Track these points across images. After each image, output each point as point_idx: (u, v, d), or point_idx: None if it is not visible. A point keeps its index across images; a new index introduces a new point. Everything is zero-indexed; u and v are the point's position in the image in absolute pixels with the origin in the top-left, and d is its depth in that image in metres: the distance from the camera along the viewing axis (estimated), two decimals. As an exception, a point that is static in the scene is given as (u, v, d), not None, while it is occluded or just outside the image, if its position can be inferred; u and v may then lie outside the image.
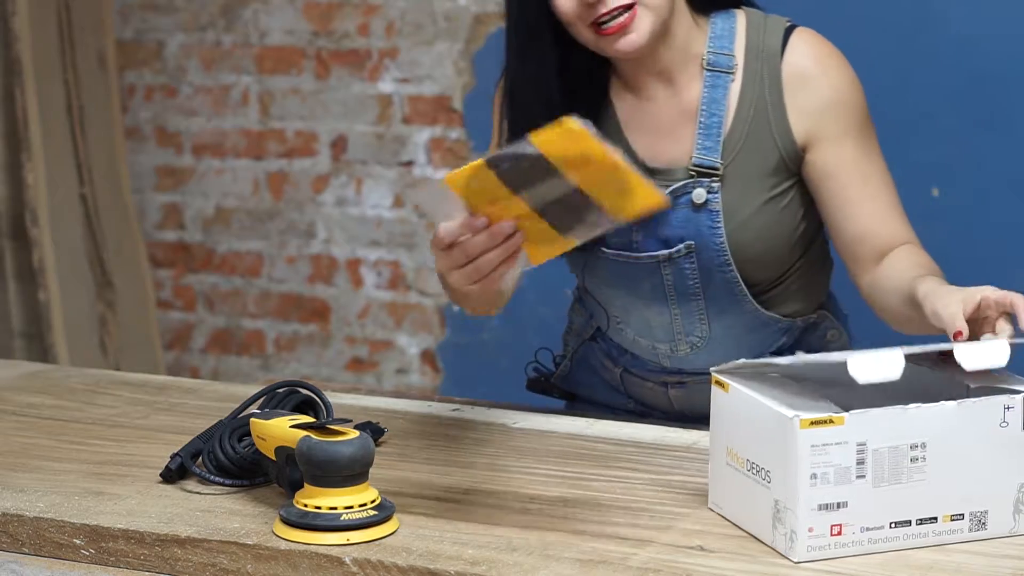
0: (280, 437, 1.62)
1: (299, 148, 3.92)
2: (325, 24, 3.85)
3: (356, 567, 1.50)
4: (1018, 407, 1.52)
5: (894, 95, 3.12)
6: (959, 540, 1.52)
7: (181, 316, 4.16)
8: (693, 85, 1.96)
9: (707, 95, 1.95)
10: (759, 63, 1.95)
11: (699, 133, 1.95)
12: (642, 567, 1.47)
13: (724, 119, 1.95)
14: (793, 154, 1.96)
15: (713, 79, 1.95)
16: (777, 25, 1.98)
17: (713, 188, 1.94)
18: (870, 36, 3.13)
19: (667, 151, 1.98)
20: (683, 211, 1.95)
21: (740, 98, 1.95)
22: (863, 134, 1.97)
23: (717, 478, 1.62)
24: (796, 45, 1.96)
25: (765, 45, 1.96)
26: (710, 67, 1.95)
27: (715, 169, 1.94)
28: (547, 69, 1.90)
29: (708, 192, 1.94)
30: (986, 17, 3.03)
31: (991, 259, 3.07)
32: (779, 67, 1.95)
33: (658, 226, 1.97)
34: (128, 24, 4.09)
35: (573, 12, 1.85)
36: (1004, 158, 3.05)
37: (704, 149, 1.94)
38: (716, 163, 1.94)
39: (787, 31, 1.97)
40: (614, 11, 1.84)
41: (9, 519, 1.63)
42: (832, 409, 1.48)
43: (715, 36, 1.96)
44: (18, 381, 2.22)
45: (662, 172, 1.96)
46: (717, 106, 1.94)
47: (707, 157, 1.94)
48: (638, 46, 1.87)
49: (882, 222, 1.96)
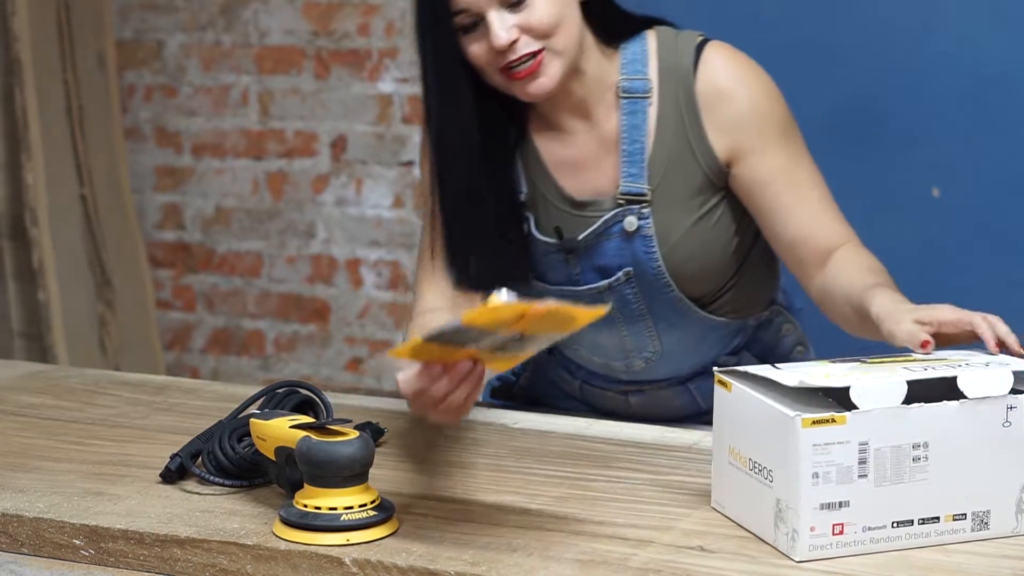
0: (280, 437, 1.62)
1: (299, 148, 3.92)
2: (325, 24, 3.85)
3: (356, 567, 1.50)
4: (1021, 407, 1.51)
5: (895, 96, 3.12)
6: (961, 540, 1.51)
7: (181, 316, 4.16)
8: (611, 115, 1.96)
9: (626, 122, 1.95)
10: (674, 83, 1.94)
11: (623, 161, 1.95)
12: (642, 567, 1.46)
13: (646, 144, 1.94)
14: (717, 170, 1.95)
15: (631, 106, 1.95)
16: (689, 42, 1.96)
17: (644, 214, 1.95)
18: (871, 37, 3.13)
19: (593, 183, 1.98)
20: (616, 240, 1.96)
21: (659, 121, 1.94)
22: (786, 141, 1.96)
23: (719, 477, 1.61)
24: (708, 61, 1.95)
25: (678, 65, 1.95)
26: (625, 94, 1.95)
27: (643, 195, 1.95)
28: (466, 113, 1.91)
29: (639, 219, 1.94)
30: (987, 18, 3.03)
31: (991, 259, 3.07)
32: (693, 86, 1.94)
33: (595, 257, 1.98)
34: (128, 24, 4.09)
35: (484, 58, 1.87)
36: (1004, 158, 3.05)
37: (630, 176, 1.95)
38: (643, 189, 1.95)
39: (699, 47, 1.96)
40: (523, 57, 1.86)
41: (8, 519, 1.63)
42: (834, 408, 1.47)
43: (627, 62, 1.95)
44: (18, 381, 2.22)
45: (590, 204, 1.97)
46: (638, 132, 1.94)
47: (634, 184, 1.95)
48: (548, 89, 1.88)
49: (816, 225, 1.94)
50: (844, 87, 3.16)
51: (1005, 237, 3.07)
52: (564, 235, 1.98)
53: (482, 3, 1.83)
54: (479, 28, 1.85)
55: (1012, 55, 3.02)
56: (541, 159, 1.99)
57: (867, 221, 3.16)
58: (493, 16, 1.83)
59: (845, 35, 3.16)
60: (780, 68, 3.21)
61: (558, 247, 1.98)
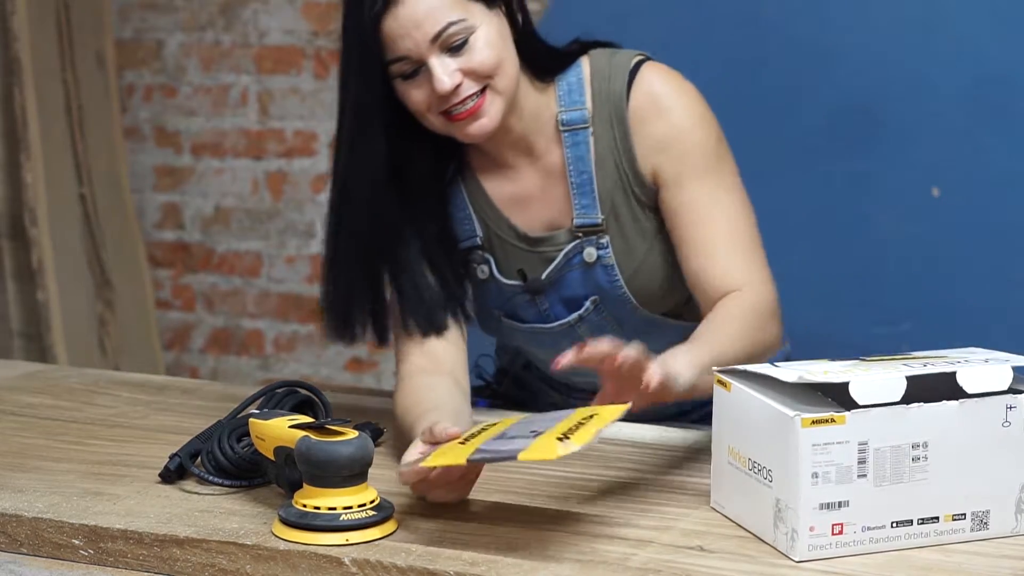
0: (279, 437, 1.62)
1: (298, 148, 3.92)
2: (324, 24, 3.85)
3: (355, 567, 1.50)
4: (1020, 407, 1.51)
5: (894, 95, 3.12)
6: (961, 540, 1.51)
7: (180, 316, 4.16)
8: (553, 148, 1.94)
9: (570, 154, 1.93)
10: (607, 108, 1.93)
11: (574, 193, 1.93)
12: (642, 567, 1.46)
13: (592, 175, 1.93)
14: (651, 191, 1.94)
15: (572, 137, 1.93)
16: (622, 65, 1.93)
17: (602, 244, 1.94)
18: (871, 37, 3.13)
19: (544, 216, 1.97)
20: (578, 271, 1.96)
21: (597, 148, 1.93)
22: (707, 172, 1.91)
23: (719, 477, 1.61)
24: (640, 83, 1.92)
25: (611, 90, 1.92)
26: (565, 127, 1.93)
27: (598, 226, 1.94)
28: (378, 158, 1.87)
29: (598, 249, 1.94)
30: (987, 18, 3.03)
31: (991, 259, 3.07)
32: (624, 108, 1.92)
33: (560, 290, 1.97)
34: (127, 24, 4.09)
35: (425, 104, 1.85)
36: (1004, 158, 3.05)
37: (582, 208, 1.94)
38: (597, 220, 1.94)
39: (634, 68, 1.93)
40: (465, 99, 1.84)
41: (8, 519, 1.63)
42: (833, 408, 1.47)
43: (564, 94, 1.94)
44: (17, 381, 2.22)
45: (547, 239, 1.96)
46: (583, 163, 1.93)
47: (588, 216, 1.94)
48: (489, 130, 1.86)
49: (716, 264, 1.89)
50: (844, 87, 3.16)
51: (1005, 237, 3.07)
52: (528, 276, 1.97)
53: (423, 50, 1.81)
54: (420, 74, 1.83)
55: (1012, 55, 3.02)
56: (490, 198, 1.97)
57: (867, 221, 3.18)
58: (435, 62, 1.81)
59: (845, 35, 3.16)
60: (780, 68, 3.22)
61: (523, 288, 1.98)
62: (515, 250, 1.97)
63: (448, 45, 1.81)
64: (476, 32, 1.82)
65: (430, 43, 1.81)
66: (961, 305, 3.09)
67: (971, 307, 3.07)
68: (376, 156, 1.87)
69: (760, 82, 3.21)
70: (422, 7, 1.80)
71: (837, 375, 1.49)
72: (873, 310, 3.17)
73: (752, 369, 1.56)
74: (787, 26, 3.18)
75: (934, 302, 3.12)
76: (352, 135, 1.87)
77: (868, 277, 3.18)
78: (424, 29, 1.80)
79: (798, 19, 3.19)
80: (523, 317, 2.01)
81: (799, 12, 3.19)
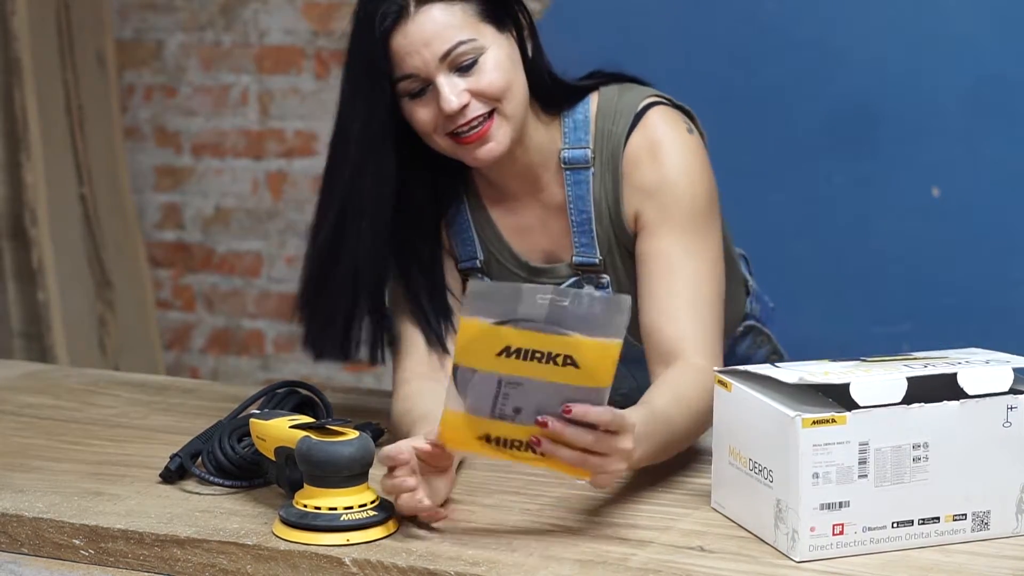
0: (280, 437, 1.62)
1: (299, 148, 3.92)
2: (325, 24, 3.85)
3: (356, 567, 1.50)
4: (1021, 407, 1.51)
5: (894, 95, 3.12)
6: (961, 540, 1.51)
7: (180, 316, 4.16)
8: (556, 183, 1.92)
9: (571, 193, 1.91)
10: (607, 150, 1.90)
11: (574, 231, 1.92)
12: (642, 567, 1.46)
13: (591, 215, 1.91)
14: (631, 238, 1.91)
15: (574, 176, 1.91)
16: (630, 106, 1.90)
17: (602, 283, 1.93)
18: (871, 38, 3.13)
19: (544, 247, 1.95)
20: None
21: (595, 189, 1.91)
22: (688, 229, 1.86)
23: (720, 477, 1.61)
24: (641, 128, 1.89)
25: (613, 132, 1.90)
26: (567, 164, 1.91)
27: (596, 266, 1.92)
28: (386, 182, 1.85)
29: (597, 287, 1.92)
30: (987, 18, 3.03)
31: (991, 259, 3.07)
32: (621, 151, 1.89)
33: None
34: (127, 23, 4.09)
35: (431, 124, 1.82)
36: (1004, 158, 3.05)
37: (582, 247, 1.92)
38: (596, 260, 1.92)
39: (640, 112, 1.89)
40: (472, 121, 1.82)
41: (8, 519, 1.63)
42: (834, 408, 1.47)
43: (569, 130, 1.92)
44: (17, 381, 2.22)
45: (547, 271, 1.95)
46: (583, 203, 1.91)
47: (587, 256, 1.92)
48: (497, 154, 1.84)
49: (670, 322, 1.83)
50: (844, 87, 3.16)
51: (1005, 237, 3.07)
52: None
53: (431, 68, 1.79)
54: (427, 93, 1.81)
55: (1012, 55, 3.02)
56: (493, 223, 1.96)
57: (867, 221, 3.18)
58: (443, 81, 1.79)
59: (844, 35, 3.15)
60: (780, 68, 3.22)
61: None
62: (515, 278, 1.95)
63: (457, 64, 1.79)
64: (486, 53, 1.80)
65: (439, 61, 1.79)
66: (961, 305, 3.08)
67: (971, 307, 3.07)
68: (385, 175, 1.85)
69: (760, 82, 3.21)
70: (432, 25, 1.79)
71: (838, 376, 1.49)
72: (873, 310, 3.17)
73: (753, 370, 1.56)
74: (787, 26, 3.18)
75: (934, 302, 3.11)
76: (361, 154, 1.84)
77: (868, 277, 3.18)
78: (433, 47, 1.78)
79: (798, 19, 3.19)
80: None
81: (799, 12, 3.19)
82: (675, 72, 2.00)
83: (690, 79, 1.98)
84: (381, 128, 1.83)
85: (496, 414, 1.53)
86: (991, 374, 1.51)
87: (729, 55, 3.21)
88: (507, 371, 1.51)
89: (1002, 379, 1.52)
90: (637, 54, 2.03)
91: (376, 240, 1.87)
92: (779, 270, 2.03)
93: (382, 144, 1.84)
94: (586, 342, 1.48)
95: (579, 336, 1.48)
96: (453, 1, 1.80)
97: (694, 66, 3.17)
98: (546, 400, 1.51)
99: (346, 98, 1.86)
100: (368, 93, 1.82)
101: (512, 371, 1.51)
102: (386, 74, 1.80)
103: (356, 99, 1.84)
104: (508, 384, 1.52)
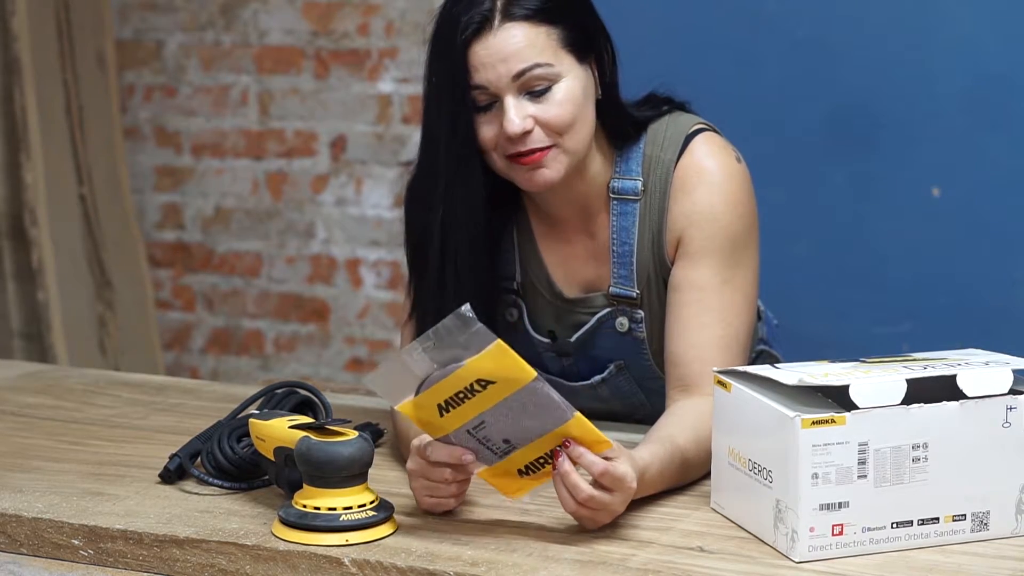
0: (279, 438, 1.62)
1: (299, 148, 3.92)
2: (325, 24, 3.85)
3: (355, 568, 1.50)
4: (1021, 407, 1.51)
5: (894, 95, 3.12)
6: (961, 541, 1.51)
7: (180, 316, 4.16)
8: (603, 213, 1.92)
9: (616, 223, 1.90)
10: (656, 178, 1.89)
11: (613, 263, 1.91)
12: (642, 568, 1.46)
13: (634, 247, 1.90)
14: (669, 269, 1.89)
15: (621, 207, 1.90)
16: (679, 133, 1.89)
17: (636, 317, 1.91)
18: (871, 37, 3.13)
19: (583, 277, 1.94)
20: (608, 337, 1.93)
21: (641, 220, 1.90)
22: (723, 259, 1.85)
23: (719, 478, 1.61)
24: (689, 153, 1.88)
25: (662, 159, 1.89)
26: (615, 194, 1.90)
27: (632, 299, 1.91)
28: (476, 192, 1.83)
29: (631, 321, 1.91)
30: (987, 18, 3.03)
31: (991, 259, 3.07)
32: (671, 178, 1.87)
33: (587, 350, 1.95)
34: (127, 24, 4.09)
35: (492, 141, 1.80)
36: (1004, 158, 3.05)
37: (619, 279, 1.91)
38: (632, 293, 1.91)
39: (689, 137, 1.88)
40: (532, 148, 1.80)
41: (7, 519, 1.63)
42: (834, 409, 1.47)
43: (621, 160, 1.90)
44: (17, 381, 2.22)
45: (582, 301, 1.94)
46: (626, 234, 1.90)
47: (624, 288, 1.91)
48: (551, 182, 1.82)
49: (699, 354, 1.82)
50: (844, 87, 3.16)
51: (1005, 237, 3.07)
52: (558, 337, 1.95)
53: (502, 85, 1.77)
54: (493, 109, 1.79)
55: (1012, 55, 3.02)
56: (537, 248, 1.95)
57: (867, 221, 3.18)
58: (511, 101, 1.77)
59: (845, 35, 3.15)
60: (780, 68, 3.22)
61: (550, 347, 1.96)
62: (547, 304, 1.95)
63: (529, 87, 1.78)
64: (560, 82, 1.78)
65: (511, 80, 1.77)
66: (961, 305, 3.08)
67: (971, 307, 3.07)
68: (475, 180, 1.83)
69: (760, 81, 3.21)
70: (513, 42, 1.77)
71: (837, 378, 1.49)
72: (873, 310, 3.17)
73: (752, 371, 1.56)
74: (787, 26, 3.18)
75: (934, 302, 3.11)
76: (453, 162, 1.82)
77: (868, 277, 3.18)
78: (509, 64, 1.77)
79: (798, 19, 3.19)
80: (546, 367, 1.98)
81: (799, 12, 3.19)
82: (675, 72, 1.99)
83: (690, 79, 1.97)
84: (470, 132, 1.81)
85: (500, 454, 1.57)
86: (990, 376, 1.51)
87: (729, 54, 3.21)
88: (462, 421, 1.55)
89: (1001, 381, 1.51)
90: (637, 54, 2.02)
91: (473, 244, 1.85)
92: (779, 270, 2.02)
93: (471, 149, 1.82)
94: (474, 362, 1.50)
95: (468, 360, 1.50)
96: (540, 23, 1.78)
97: (694, 66, 3.17)
98: (510, 418, 1.54)
99: (430, 109, 1.84)
100: (452, 107, 1.80)
101: (465, 418, 1.54)
102: (467, 84, 1.78)
103: (440, 114, 1.82)
104: (475, 429, 1.55)
